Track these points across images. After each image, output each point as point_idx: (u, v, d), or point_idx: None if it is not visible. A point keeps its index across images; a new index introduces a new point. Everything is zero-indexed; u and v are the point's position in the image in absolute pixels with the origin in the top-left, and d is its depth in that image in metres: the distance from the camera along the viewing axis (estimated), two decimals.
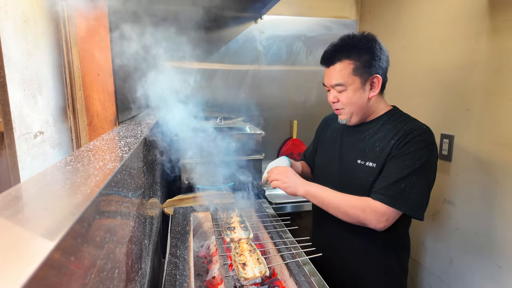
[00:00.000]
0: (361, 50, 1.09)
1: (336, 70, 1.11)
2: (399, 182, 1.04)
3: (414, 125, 1.10)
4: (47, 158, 0.88)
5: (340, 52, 1.11)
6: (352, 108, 1.15)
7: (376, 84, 1.12)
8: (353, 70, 1.09)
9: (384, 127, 1.15)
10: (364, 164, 1.15)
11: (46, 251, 0.29)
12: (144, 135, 0.92)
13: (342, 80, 1.11)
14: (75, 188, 0.44)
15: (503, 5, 1.41)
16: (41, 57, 0.88)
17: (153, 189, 1.14)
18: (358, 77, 1.10)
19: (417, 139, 1.05)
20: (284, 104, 2.46)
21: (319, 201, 1.14)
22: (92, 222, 0.41)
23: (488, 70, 1.48)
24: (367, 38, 1.12)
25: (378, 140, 1.14)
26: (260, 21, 2.29)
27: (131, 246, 0.66)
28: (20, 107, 0.77)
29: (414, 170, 1.04)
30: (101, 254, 0.45)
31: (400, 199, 1.03)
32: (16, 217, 0.35)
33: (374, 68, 1.10)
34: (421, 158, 1.04)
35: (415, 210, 1.05)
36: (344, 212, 1.09)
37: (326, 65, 1.15)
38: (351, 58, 1.09)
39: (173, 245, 1.04)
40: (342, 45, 1.12)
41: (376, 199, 1.06)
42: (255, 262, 0.91)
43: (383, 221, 1.05)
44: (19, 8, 0.77)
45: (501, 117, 1.42)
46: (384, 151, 1.10)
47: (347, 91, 1.12)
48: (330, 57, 1.13)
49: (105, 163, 0.57)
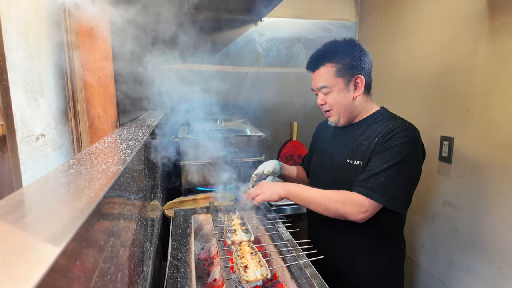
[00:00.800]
0: (342, 53, 1.17)
1: (321, 73, 1.19)
2: (379, 175, 1.07)
3: (398, 122, 1.15)
4: (49, 160, 0.88)
5: (323, 57, 1.19)
6: (338, 108, 1.21)
7: (359, 84, 1.18)
8: (335, 72, 1.16)
9: (371, 126, 1.21)
10: (353, 163, 1.20)
11: (53, 255, 0.29)
12: (145, 138, 0.92)
13: (326, 83, 1.18)
14: (79, 192, 0.44)
15: (502, 7, 1.41)
16: (43, 60, 0.88)
17: (154, 192, 1.14)
18: (341, 78, 1.17)
19: (399, 135, 1.10)
20: (284, 106, 2.46)
21: (301, 199, 1.17)
22: (96, 226, 0.41)
23: (488, 72, 1.48)
24: (347, 42, 1.20)
25: (365, 139, 1.19)
26: (260, 23, 2.30)
27: (134, 249, 0.66)
28: (22, 110, 0.77)
29: (395, 163, 1.07)
30: (105, 257, 0.45)
31: (378, 191, 1.06)
32: (22, 222, 0.35)
33: (356, 69, 1.17)
34: (402, 152, 1.08)
35: (393, 202, 1.07)
36: (325, 207, 1.12)
37: (312, 70, 1.23)
38: (333, 61, 1.17)
39: (174, 248, 1.04)
40: (324, 50, 1.21)
41: (355, 191, 1.10)
42: (257, 265, 0.91)
43: (362, 212, 1.08)
44: (21, 12, 0.77)
45: (501, 119, 1.42)
46: (369, 149, 1.16)
47: (332, 93, 1.19)
48: (314, 62, 1.22)
49: (108, 166, 0.57)
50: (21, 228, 0.34)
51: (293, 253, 1.03)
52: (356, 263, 1.25)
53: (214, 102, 2.31)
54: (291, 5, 2.34)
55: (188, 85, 2.22)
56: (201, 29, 2.19)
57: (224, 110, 2.34)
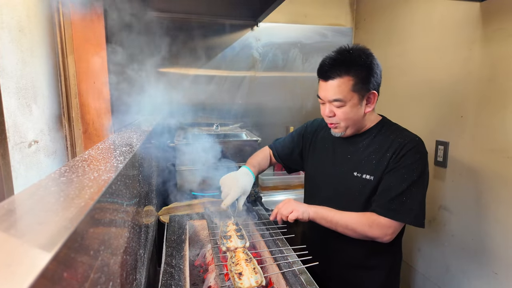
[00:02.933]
0: (361, 66, 1.09)
1: (335, 85, 1.10)
2: (400, 196, 1.08)
3: (406, 136, 1.13)
4: (42, 167, 0.87)
5: (339, 67, 1.09)
6: (348, 123, 1.15)
7: (372, 100, 1.14)
8: (352, 86, 1.09)
9: (377, 138, 1.18)
10: (361, 177, 1.17)
11: (40, 266, 0.28)
12: (139, 143, 0.91)
13: (341, 96, 1.10)
14: (69, 201, 0.43)
15: (495, 13, 1.43)
16: (36, 65, 0.87)
17: (148, 197, 1.14)
18: (357, 94, 1.10)
19: (413, 151, 1.10)
20: (280, 111, 2.47)
21: (327, 221, 1.14)
22: (86, 235, 0.41)
23: (482, 78, 1.49)
24: (366, 54, 1.11)
25: (373, 153, 1.16)
26: (256, 28, 2.31)
27: (126, 257, 0.65)
28: (15, 116, 0.76)
29: (413, 182, 1.08)
30: (95, 267, 0.44)
31: (403, 212, 1.08)
32: (10, 232, 0.35)
33: (372, 85, 1.11)
34: (417, 169, 1.09)
35: (418, 220, 1.09)
36: (352, 230, 1.11)
37: (324, 79, 1.13)
38: (350, 74, 1.08)
39: (168, 254, 1.04)
40: (341, 60, 1.10)
41: (381, 214, 1.09)
42: (251, 272, 0.90)
43: (389, 234, 1.10)
44: (14, 18, 0.77)
45: (495, 124, 1.44)
46: (381, 164, 1.13)
47: (345, 107, 1.11)
48: (329, 70, 1.11)
49: (100, 173, 0.57)
50: (9, 239, 0.33)
51: (288, 259, 1.02)
52: (353, 270, 1.25)
53: (211, 106, 2.31)
54: (287, 11, 2.35)
55: (184, 90, 2.23)
56: (198, 34, 2.19)
57: (221, 115, 2.34)
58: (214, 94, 2.31)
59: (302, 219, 1.13)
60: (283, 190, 2.17)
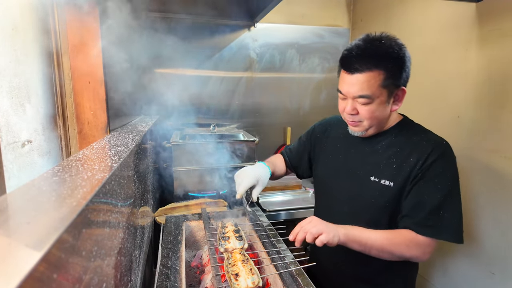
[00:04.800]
0: (393, 59, 0.96)
1: (363, 79, 0.95)
2: (438, 210, 0.96)
3: (432, 140, 1.02)
4: (35, 167, 0.86)
5: (369, 58, 0.95)
6: (372, 122, 1.02)
7: (400, 97, 1.01)
8: (382, 81, 0.95)
9: (398, 139, 1.06)
10: (379, 182, 1.05)
11: (27, 267, 0.27)
12: (135, 143, 0.90)
13: (369, 92, 0.96)
14: (61, 201, 0.42)
15: (491, 14, 1.43)
16: (30, 64, 0.86)
17: (144, 198, 1.13)
18: (386, 90, 0.97)
19: (442, 157, 0.98)
20: (277, 111, 2.46)
21: (361, 244, 0.98)
22: (78, 236, 0.40)
23: (478, 78, 1.50)
24: (398, 44, 0.98)
25: (394, 156, 1.04)
26: (253, 29, 2.30)
27: (120, 258, 0.64)
28: (8, 115, 0.75)
29: (448, 192, 0.97)
30: (88, 268, 0.43)
31: (442, 228, 0.97)
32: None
33: (403, 80, 0.98)
34: (451, 177, 0.99)
35: (458, 236, 0.98)
36: (389, 252, 0.98)
37: (350, 71, 0.98)
38: (381, 67, 0.94)
39: (164, 256, 1.03)
40: (372, 50, 0.96)
41: (419, 232, 0.97)
42: (248, 273, 0.89)
43: (428, 252, 0.99)
44: (7, 16, 0.76)
45: (491, 125, 1.44)
46: (403, 170, 1.01)
47: (372, 105, 0.98)
48: (357, 62, 0.96)
49: (93, 173, 0.56)
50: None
51: (286, 260, 1.01)
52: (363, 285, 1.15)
53: (207, 107, 2.30)
54: (284, 11, 2.35)
55: (181, 90, 2.22)
56: (195, 34, 2.19)
57: (218, 115, 2.34)
58: (211, 94, 2.30)
59: (332, 243, 0.94)
60: (281, 190, 2.16)
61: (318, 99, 2.53)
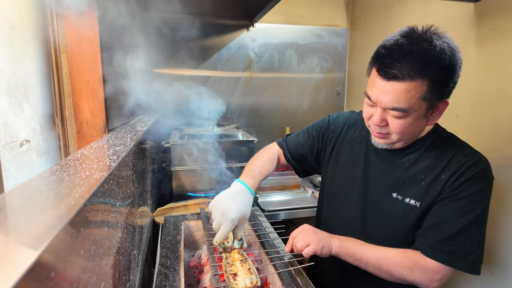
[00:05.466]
0: (443, 68, 0.77)
1: (401, 89, 0.77)
2: (458, 235, 0.83)
3: (470, 155, 0.88)
4: (34, 167, 0.86)
5: (415, 65, 0.75)
6: (403, 137, 0.87)
7: (441, 110, 0.85)
8: (424, 93, 0.77)
9: (429, 153, 0.91)
10: (403, 201, 0.90)
11: (25, 266, 0.27)
12: (134, 143, 0.90)
13: (406, 105, 0.78)
14: (59, 200, 0.42)
15: (489, 14, 1.44)
16: (28, 64, 0.86)
17: (143, 198, 1.12)
18: (426, 103, 0.80)
19: (478, 177, 0.84)
20: (276, 111, 2.46)
21: (355, 258, 0.89)
22: (76, 235, 0.40)
23: (476, 78, 1.50)
24: (451, 48, 0.79)
25: (423, 172, 0.90)
26: (252, 29, 2.30)
27: (119, 257, 0.64)
28: (6, 115, 0.75)
29: (476, 217, 0.83)
30: (86, 267, 0.43)
31: (459, 256, 0.83)
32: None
33: (449, 92, 0.81)
34: (482, 201, 0.84)
35: (475, 267, 0.84)
36: (388, 272, 0.87)
37: (386, 77, 0.79)
38: (425, 76, 0.76)
39: (163, 255, 1.02)
40: (419, 55, 0.76)
41: (429, 256, 0.85)
42: (246, 272, 0.89)
43: (436, 280, 0.85)
44: (5, 15, 0.75)
45: (489, 124, 1.44)
46: (433, 189, 0.87)
47: (406, 118, 0.81)
48: (396, 68, 0.77)
49: (92, 172, 0.56)
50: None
51: (284, 260, 1.01)
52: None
53: (206, 107, 2.30)
54: (283, 11, 2.35)
55: (179, 90, 2.22)
56: (193, 34, 2.19)
57: (216, 115, 2.33)
58: (210, 94, 2.30)
59: (322, 255, 0.89)
60: (280, 190, 2.16)
61: (317, 99, 2.54)
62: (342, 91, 2.60)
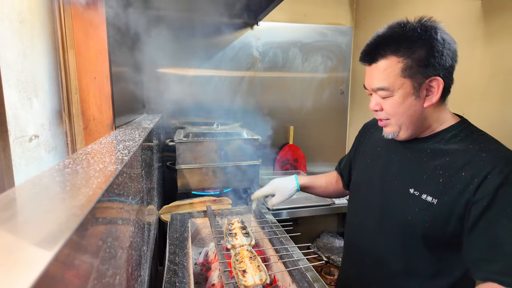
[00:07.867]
0: (415, 42, 0.82)
1: (380, 69, 0.85)
2: None
3: (495, 152, 0.83)
4: (42, 162, 0.85)
5: (386, 46, 0.84)
6: (400, 120, 0.88)
7: (435, 89, 0.84)
8: (402, 70, 0.83)
9: (450, 147, 0.86)
10: (419, 196, 0.87)
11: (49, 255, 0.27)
12: (142, 139, 0.90)
13: (386, 83, 0.85)
14: (76, 190, 0.42)
15: (497, 10, 1.43)
16: (36, 59, 0.86)
17: (150, 195, 1.12)
18: (409, 80, 0.83)
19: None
20: (280, 110, 2.46)
21: None
22: (95, 225, 0.39)
23: (483, 75, 1.49)
24: (425, 26, 0.84)
25: (442, 167, 0.85)
26: (256, 27, 2.30)
27: (132, 251, 0.63)
28: (15, 109, 0.74)
29: None
30: (104, 258, 0.43)
31: None
32: (15, 220, 0.33)
33: (433, 68, 0.82)
34: None
35: None
36: None
37: (367, 62, 0.89)
38: (399, 54, 0.82)
39: (171, 252, 1.02)
40: (389, 36, 0.85)
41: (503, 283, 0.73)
42: (256, 269, 0.88)
43: None
44: (15, 8, 0.75)
45: (497, 122, 1.43)
46: (452, 186, 0.82)
47: (393, 98, 0.86)
48: (371, 51, 0.87)
49: (105, 165, 0.55)
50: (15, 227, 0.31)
51: (294, 257, 1.01)
52: None
53: (211, 105, 2.30)
54: (287, 9, 2.34)
55: (184, 89, 2.21)
56: (197, 33, 2.18)
57: (221, 114, 2.33)
58: (214, 93, 2.30)
59: None
60: None
61: (321, 98, 2.53)
62: (346, 90, 2.59)
